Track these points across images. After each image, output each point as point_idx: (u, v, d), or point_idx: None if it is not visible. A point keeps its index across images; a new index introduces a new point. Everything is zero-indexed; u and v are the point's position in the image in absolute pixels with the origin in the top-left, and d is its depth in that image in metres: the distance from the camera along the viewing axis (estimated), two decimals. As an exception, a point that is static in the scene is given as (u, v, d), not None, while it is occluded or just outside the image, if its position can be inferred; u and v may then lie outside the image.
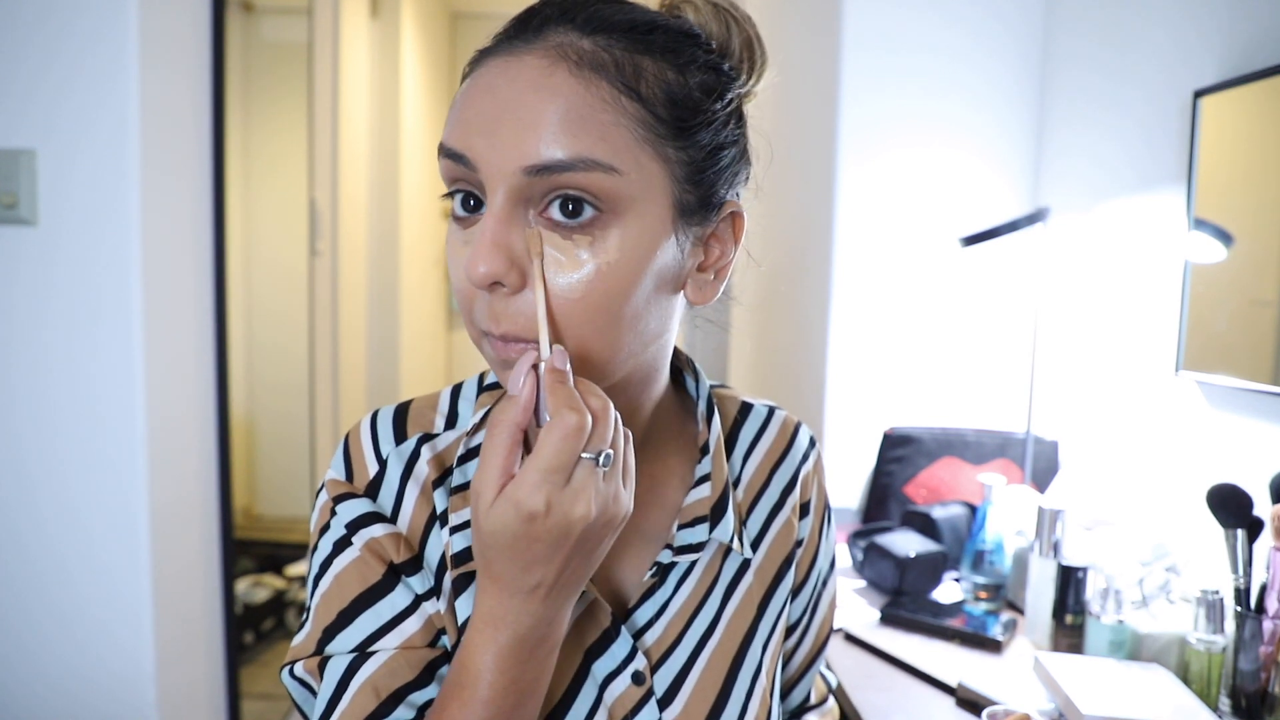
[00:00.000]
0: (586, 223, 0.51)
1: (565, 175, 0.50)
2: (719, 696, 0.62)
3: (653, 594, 0.62)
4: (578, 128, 0.50)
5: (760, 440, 0.71)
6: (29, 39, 1.37)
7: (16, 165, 1.38)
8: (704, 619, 0.63)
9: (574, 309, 0.51)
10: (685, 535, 0.62)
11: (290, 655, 0.59)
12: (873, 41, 1.65)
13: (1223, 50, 1.24)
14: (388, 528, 0.59)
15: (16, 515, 1.45)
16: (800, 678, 0.75)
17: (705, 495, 0.64)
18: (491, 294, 0.52)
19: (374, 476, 0.61)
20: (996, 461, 1.64)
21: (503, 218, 0.51)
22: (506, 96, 0.51)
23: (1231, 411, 1.24)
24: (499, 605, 0.50)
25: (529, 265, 0.51)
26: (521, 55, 0.52)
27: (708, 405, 0.68)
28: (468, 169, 0.52)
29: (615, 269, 0.51)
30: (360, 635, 0.57)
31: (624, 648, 0.59)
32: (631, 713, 0.59)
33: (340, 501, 0.60)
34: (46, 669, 1.47)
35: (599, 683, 0.59)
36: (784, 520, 0.69)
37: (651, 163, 0.52)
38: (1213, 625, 1.00)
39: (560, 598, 0.51)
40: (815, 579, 0.73)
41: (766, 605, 0.67)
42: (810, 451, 0.73)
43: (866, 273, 1.70)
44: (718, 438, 0.66)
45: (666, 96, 0.53)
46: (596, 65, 0.51)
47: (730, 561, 0.65)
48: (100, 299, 1.43)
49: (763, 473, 0.70)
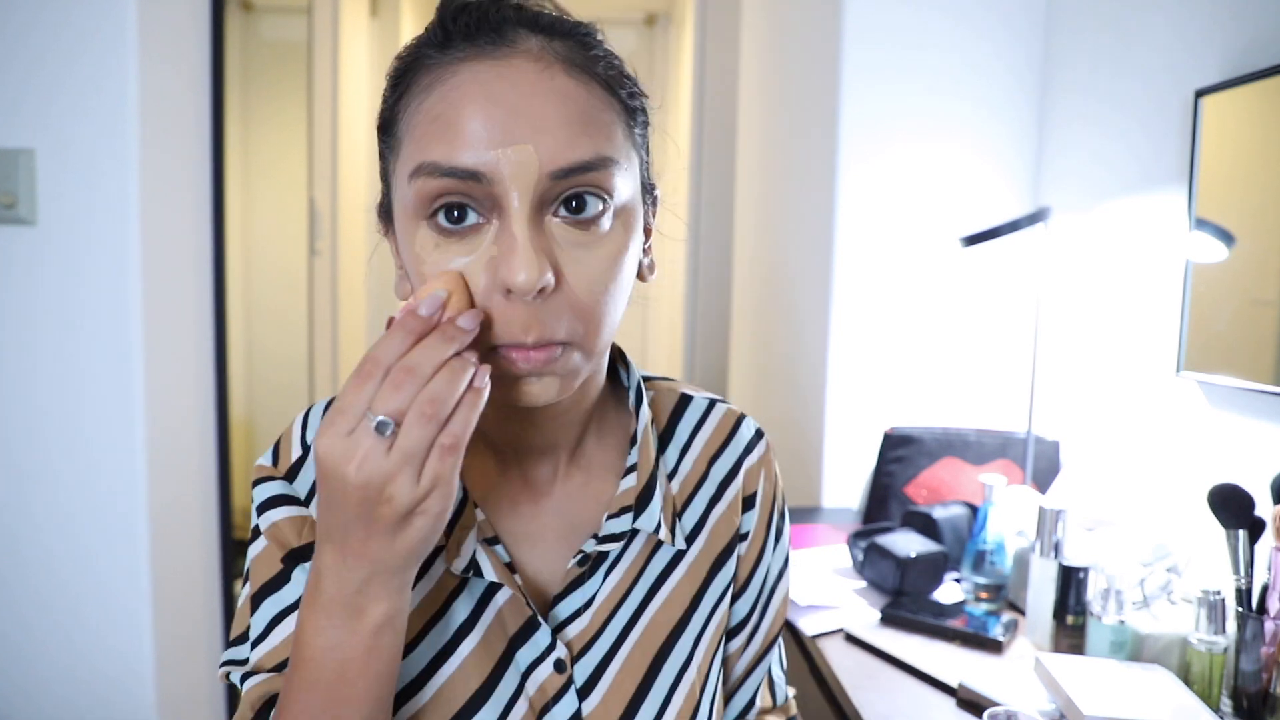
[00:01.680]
0: (598, 214, 0.52)
1: (588, 175, 0.51)
2: (639, 689, 0.61)
3: (580, 585, 0.62)
4: (591, 128, 0.51)
5: (699, 432, 0.71)
6: (28, 40, 1.37)
7: (16, 165, 1.38)
8: (628, 610, 0.63)
9: (604, 300, 0.53)
10: (610, 525, 0.62)
11: (223, 656, 0.63)
12: (874, 38, 1.65)
13: (1224, 50, 1.23)
14: (292, 510, 0.60)
15: (17, 515, 1.45)
16: (746, 677, 0.74)
17: (633, 485, 0.64)
18: (530, 302, 0.51)
19: (295, 460, 0.62)
20: (997, 462, 1.64)
21: (532, 222, 0.50)
22: (513, 102, 0.50)
23: (1232, 411, 1.23)
24: (316, 553, 0.50)
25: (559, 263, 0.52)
26: (507, 59, 0.51)
27: (637, 394, 0.68)
28: (477, 183, 0.50)
29: (624, 254, 0.54)
30: (261, 624, 0.59)
31: (545, 637, 0.60)
32: (551, 701, 0.59)
33: (257, 485, 0.62)
34: (46, 669, 1.47)
35: (521, 670, 0.59)
36: (722, 513, 0.69)
37: (632, 151, 0.56)
38: (1214, 626, 1.00)
39: (360, 565, 0.48)
40: (763, 576, 0.72)
41: (700, 599, 0.66)
42: (756, 443, 0.72)
43: (866, 272, 1.70)
44: (645, 427, 0.66)
45: (625, 89, 0.55)
46: (581, 65, 0.53)
47: (661, 553, 0.65)
48: (100, 299, 1.43)
49: (701, 464, 0.69)
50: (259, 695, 0.58)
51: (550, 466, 0.64)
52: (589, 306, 0.52)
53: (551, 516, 0.63)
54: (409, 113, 0.53)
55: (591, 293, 0.52)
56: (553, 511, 0.64)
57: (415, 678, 0.58)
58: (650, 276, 0.61)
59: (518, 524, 0.63)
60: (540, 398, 0.53)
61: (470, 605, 0.60)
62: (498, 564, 0.59)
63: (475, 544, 0.59)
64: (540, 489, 0.64)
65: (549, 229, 0.52)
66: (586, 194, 0.52)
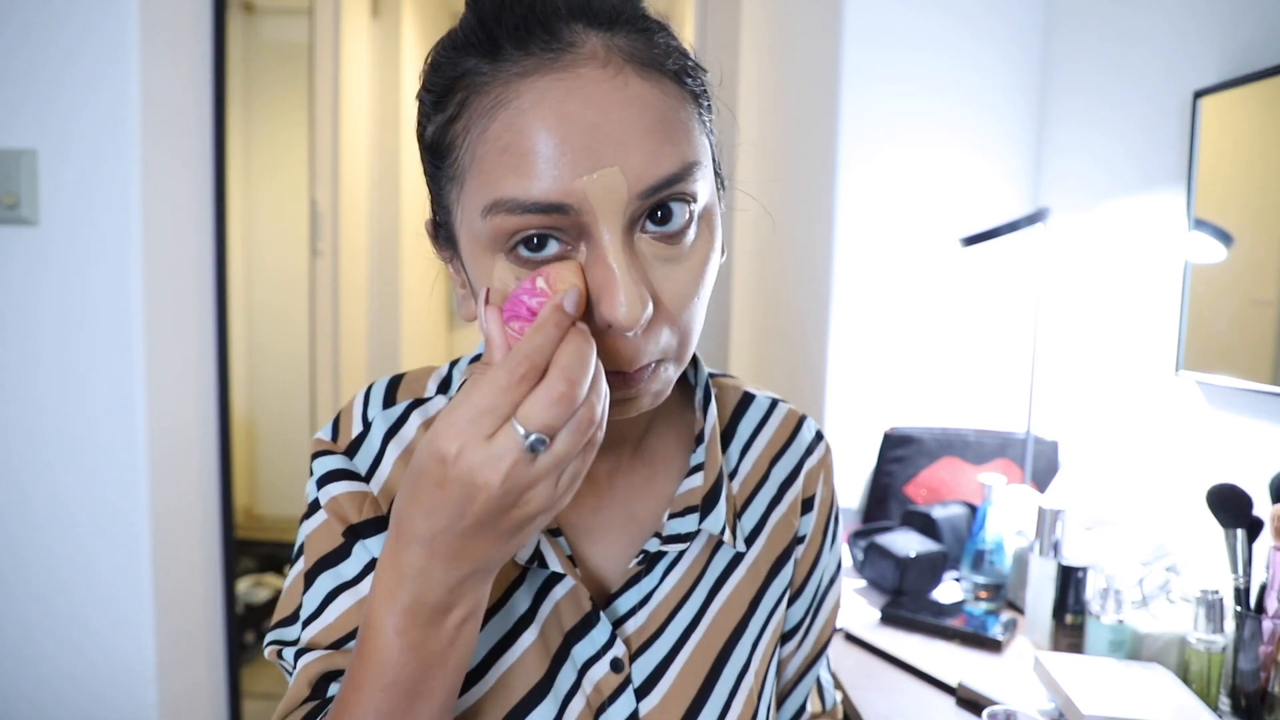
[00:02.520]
0: (685, 225, 0.50)
1: (675, 186, 0.48)
2: (700, 691, 0.60)
3: (637, 582, 0.61)
4: (673, 133, 0.48)
5: (761, 432, 0.70)
6: (31, 41, 1.37)
7: (18, 165, 1.38)
8: (689, 611, 0.62)
9: (695, 311, 0.52)
10: (675, 525, 0.61)
11: (269, 637, 0.61)
12: (873, 38, 1.65)
13: (1223, 50, 1.24)
14: (352, 485, 0.60)
15: (17, 515, 1.46)
16: (798, 682, 0.73)
17: (698, 485, 0.63)
18: (636, 332, 0.48)
19: (356, 437, 0.62)
20: (997, 461, 1.64)
21: (626, 250, 0.48)
22: (590, 121, 0.46)
23: (1231, 411, 1.24)
24: (397, 554, 0.47)
25: None
26: (571, 69, 0.46)
27: (705, 393, 0.67)
28: (563, 215, 0.47)
29: (709, 260, 0.52)
30: (315, 601, 0.58)
31: (603, 633, 0.59)
32: (609, 700, 0.58)
33: (317, 458, 0.61)
34: (47, 669, 1.47)
35: (579, 667, 0.58)
36: (782, 515, 0.68)
37: (705, 144, 0.52)
38: (1213, 625, 1.00)
39: (461, 567, 0.46)
40: (818, 580, 0.71)
41: (759, 602, 0.65)
42: (816, 446, 0.71)
43: (866, 272, 1.70)
44: (713, 427, 0.65)
45: (690, 74, 0.52)
46: (649, 61, 0.49)
47: (721, 554, 0.64)
48: (101, 299, 1.43)
49: (762, 465, 0.68)
50: (316, 672, 0.56)
51: (613, 460, 0.63)
52: (682, 319, 0.51)
53: (613, 511, 0.62)
54: (471, 140, 0.49)
55: (684, 306, 0.51)
56: (614, 506, 0.63)
57: (476, 667, 0.57)
58: (721, 259, 0.58)
59: (579, 517, 0.62)
60: (630, 413, 0.53)
61: (530, 597, 0.59)
62: (560, 555, 0.58)
63: (539, 534, 0.58)
64: (602, 482, 0.63)
65: (638, 247, 0.49)
66: (672, 202, 0.49)
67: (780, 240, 2.09)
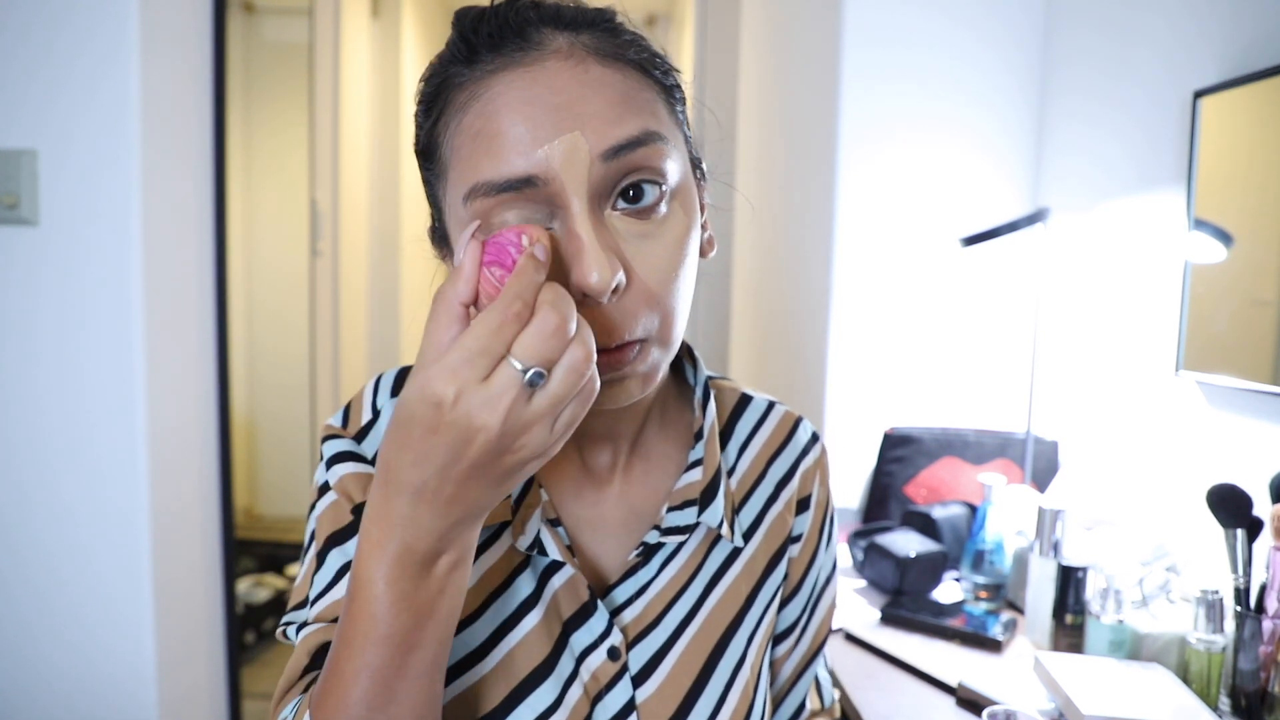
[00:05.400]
0: (656, 201, 0.52)
1: (637, 152, 0.50)
2: (696, 680, 0.62)
3: (635, 573, 0.62)
4: (635, 106, 0.51)
5: (758, 432, 0.71)
6: (31, 41, 1.37)
7: (18, 165, 1.38)
8: (685, 603, 0.63)
9: (674, 288, 0.53)
10: (673, 518, 0.63)
11: (282, 620, 0.63)
12: (874, 38, 1.65)
13: (1223, 50, 1.24)
14: (359, 467, 0.61)
15: (17, 515, 1.46)
16: (797, 680, 0.74)
17: (696, 479, 0.64)
18: (605, 303, 0.50)
19: (365, 424, 0.63)
20: (996, 461, 1.64)
21: (593, 219, 0.49)
22: (550, 100, 0.49)
23: (1231, 411, 1.24)
24: (385, 504, 0.46)
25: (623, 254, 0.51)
26: (538, 62, 0.50)
27: (704, 392, 0.68)
28: (534, 188, 0.49)
29: (687, 238, 0.54)
30: (327, 577, 0.59)
31: (601, 622, 0.60)
32: (606, 687, 0.59)
33: (326, 441, 0.63)
34: (47, 669, 1.48)
35: (576, 655, 0.59)
36: (778, 513, 0.69)
37: (677, 130, 0.56)
38: (1212, 625, 1.00)
39: (451, 513, 0.46)
40: (814, 580, 0.72)
41: (754, 598, 0.66)
42: (812, 447, 0.73)
43: (866, 272, 1.70)
44: (712, 424, 0.67)
45: (658, 69, 0.55)
46: (611, 53, 0.52)
47: (718, 549, 0.65)
48: (101, 299, 1.43)
49: (759, 464, 0.70)
50: (316, 643, 0.57)
51: (611, 454, 0.64)
52: (661, 297, 0.52)
53: (612, 504, 0.64)
54: (449, 135, 0.52)
55: (662, 283, 0.52)
56: (614, 499, 0.64)
57: (479, 646, 0.58)
58: (711, 252, 0.61)
59: (580, 509, 0.63)
60: (622, 399, 0.53)
61: (532, 583, 0.60)
62: (560, 545, 0.59)
63: (540, 523, 0.59)
64: (602, 476, 0.64)
65: (610, 224, 0.51)
66: (643, 182, 0.51)
67: (780, 240, 2.09)
